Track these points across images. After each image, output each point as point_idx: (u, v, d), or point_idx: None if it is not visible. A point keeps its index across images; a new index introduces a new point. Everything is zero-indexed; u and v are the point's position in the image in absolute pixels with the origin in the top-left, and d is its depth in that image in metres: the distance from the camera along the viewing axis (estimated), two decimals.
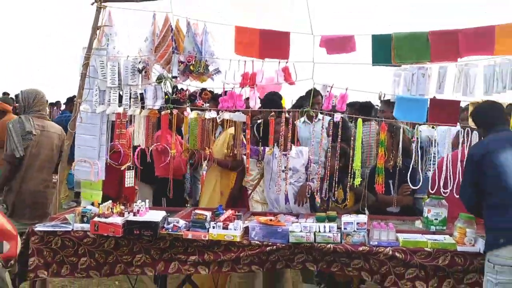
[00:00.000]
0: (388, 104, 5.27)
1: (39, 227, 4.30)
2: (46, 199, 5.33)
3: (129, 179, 4.98)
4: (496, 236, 3.56)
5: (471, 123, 4.31)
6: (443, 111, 4.47)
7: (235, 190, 5.42)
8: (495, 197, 3.62)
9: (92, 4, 4.79)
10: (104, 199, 4.79)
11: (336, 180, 4.80)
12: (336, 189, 4.85)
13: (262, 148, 5.20)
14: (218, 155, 5.53)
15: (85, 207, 4.46)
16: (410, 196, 4.88)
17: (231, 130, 5.33)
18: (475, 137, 4.33)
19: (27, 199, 5.23)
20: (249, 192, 5.55)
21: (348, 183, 4.70)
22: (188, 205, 6.82)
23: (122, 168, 4.93)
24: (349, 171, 4.60)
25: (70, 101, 10.96)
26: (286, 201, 5.10)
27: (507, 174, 3.56)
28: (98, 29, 4.81)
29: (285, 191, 4.91)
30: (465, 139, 4.35)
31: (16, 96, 8.04)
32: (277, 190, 4.96)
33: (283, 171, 4.86)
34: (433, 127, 4.49)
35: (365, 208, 4.89)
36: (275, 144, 4.90)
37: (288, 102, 7.88)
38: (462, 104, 4.73)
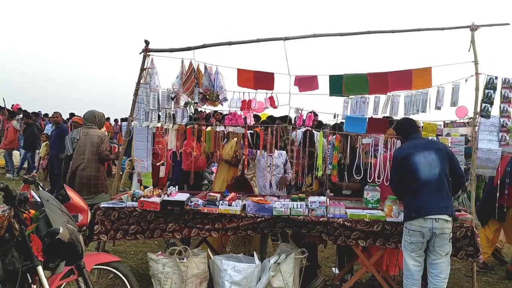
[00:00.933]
0: (282, 119, 5.53)
1: (103, 204, 4.28)
2: (98, 181, 5.32)
3: (161, 171, 4.99)
4: (410, 211, 3.56)
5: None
6: (376, 126, 4.49)
7: (241, 178, 5.35)
8: (411, 185, 3.58)
9: (140, 53, 4.81)
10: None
11: (306, 172, 4.81)
12: (306, 177, 4.85)
13: (255, 151, 5.21)
14: (226, 156, 5.52)
15: (135, 191, 4.45)
16: (359, 183, 4.83)
17: (236, 139, 5.36)
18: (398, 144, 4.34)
19: (84, 182, 5.25)
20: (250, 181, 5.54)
21: (314, 174, 4.74)
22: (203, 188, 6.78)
23: (158, 164, 4.94)
24: (314, 166, 4.64)
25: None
26: (270, 187, 5.10)
27: (419, 170, 3.53)
28: (144, 70, 4.83)
29: (270, 180, 4.93)
30: (392, 145, 4.38)
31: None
32: (265, 179, 4.98)
33: (268, 166, 4.88)
34: (370, 137, 4.49)
35: (328, 191, 4.88)
36: (263, 149, 4.93)
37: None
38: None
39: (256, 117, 6.73)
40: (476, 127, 4.25)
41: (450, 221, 3.50)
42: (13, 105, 18.21)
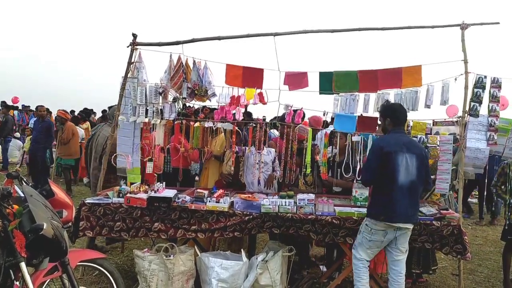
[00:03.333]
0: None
1: (88, 200, 4.27)
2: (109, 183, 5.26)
3: (149, 167, 4.94)
4: (378, 211, 3.54)
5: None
6: (366, 124, 4.53)
7: (234, 176, 5.33)
8: (387, 185, 3.50)
9: (128, 46, 4.78)
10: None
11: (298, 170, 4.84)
12: (294, 176, 4.87)
13: (244, 147, 5.22)
14: (217, 152, 5.48)
15: (121, 186, 4.43)
16: (351, 182, 4.84)
17: (223, 135, 5.37)
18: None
19: (93, 181, 5.17)
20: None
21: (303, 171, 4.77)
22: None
23: (145, 160, 4.91)
24: (303, 164, 4.66)
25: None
26: (258, 184, 5.11)
27: (399, 172, 3.45)
28: (131, 64, 4.79)
29: (258, 177, 4.93)
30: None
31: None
32: (253, 176, 4.98)
33: (257, 163, 4.89)
34: (359, 135, 4.52)
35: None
36: (252, 145, 4.94)
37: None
38: None
39: (247, 114, 6.73)
40: (465, 126, 4.32)
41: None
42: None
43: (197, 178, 6.43)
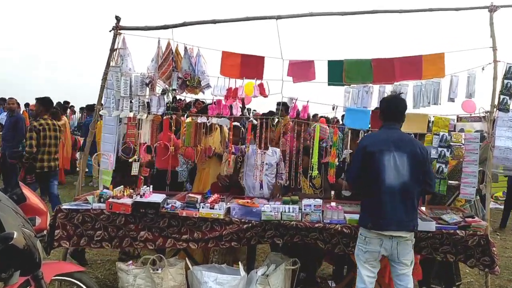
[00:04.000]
0: None
1: (65, 206, 4.25)
2: None
3: (135, 169, 4.92)
4: (367, 218, 3.56)
5: None
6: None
7: (233, 178, 5.30)
8: (373, 188, 3.50)
9: (110, 31, 4.76)
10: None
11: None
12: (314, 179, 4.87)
13: (243, 146, 5.20)
14: (217, 150, 5.45)
15: (102, 190, 4.41)
16: None
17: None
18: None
19: None
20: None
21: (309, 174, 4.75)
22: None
23: (130, 160, 4.88)
24: (310, 165, 4.65)
25: (92, 108, 10.86)
26: (260, 188, 5.08)
27: (385, 172, 3.44)
28: (114, 51, 4.77)
29: (260, 180, 4.91)
30: None
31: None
32: (254, 179, 4.95)
33: (260, 164, 4.86)
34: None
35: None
36: (254, 143, 4.93)
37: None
38: None
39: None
40: (493, 122, 4.29)
41: (411, 234, 3.55)
42: None
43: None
